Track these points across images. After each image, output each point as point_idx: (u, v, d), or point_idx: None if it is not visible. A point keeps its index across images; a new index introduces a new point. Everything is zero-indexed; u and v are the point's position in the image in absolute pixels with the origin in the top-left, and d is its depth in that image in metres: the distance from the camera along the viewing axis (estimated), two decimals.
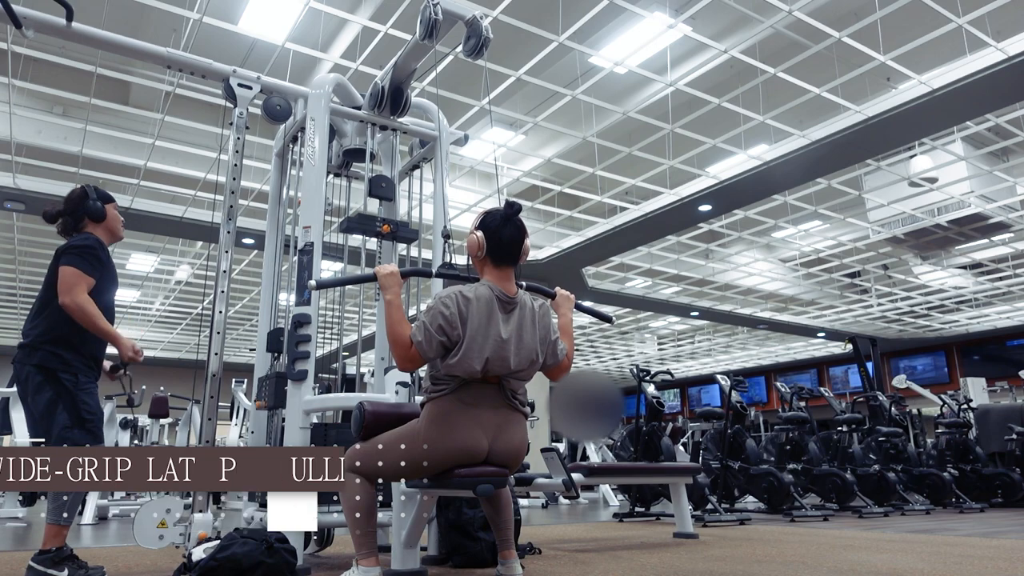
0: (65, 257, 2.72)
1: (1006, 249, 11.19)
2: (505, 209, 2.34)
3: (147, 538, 2.71)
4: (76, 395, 2.67)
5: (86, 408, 2.68)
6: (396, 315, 2.25)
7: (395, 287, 2.35)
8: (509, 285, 2.34)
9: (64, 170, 7.94)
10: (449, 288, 2.31)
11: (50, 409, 2.64)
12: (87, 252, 2.75)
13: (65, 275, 2.67)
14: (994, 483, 7.43)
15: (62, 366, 2.69)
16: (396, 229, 3.54)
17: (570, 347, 2.46)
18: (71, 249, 2.74)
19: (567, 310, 2.56)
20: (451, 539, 3.04)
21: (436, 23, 3.06)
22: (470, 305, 2.23)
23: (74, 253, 2.73)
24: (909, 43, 6.13)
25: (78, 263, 2.70)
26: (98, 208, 2.89)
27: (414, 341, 2.20)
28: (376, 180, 3.65)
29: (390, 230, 3.49)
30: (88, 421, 2.67)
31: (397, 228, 3.55)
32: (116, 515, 6.55)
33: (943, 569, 2.83)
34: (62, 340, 2.71)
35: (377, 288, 3.57)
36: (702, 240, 11.02)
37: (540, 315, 2.38)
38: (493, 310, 2.25)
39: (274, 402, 3.14)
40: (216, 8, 5.83)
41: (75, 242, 2.78)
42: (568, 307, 2.57)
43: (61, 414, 2.63)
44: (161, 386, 8.67)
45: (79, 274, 2.69)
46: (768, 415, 18.09)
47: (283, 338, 3.32)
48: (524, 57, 6.46)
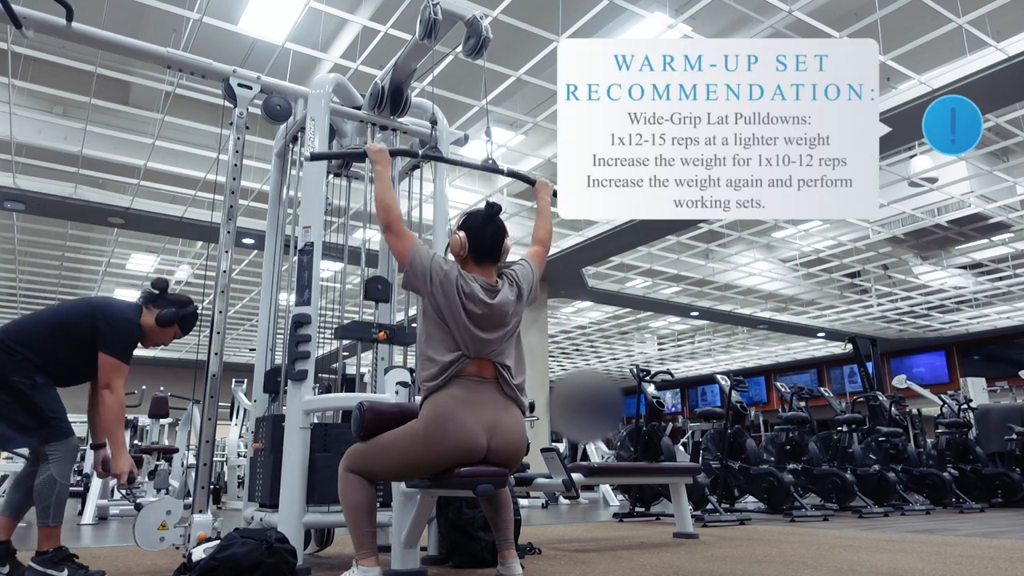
0: (113, 340, 2.71)
1: (1006, 249, 11.19)
2: (487, 210, 2.46)
3: (147, 539, 2.71)
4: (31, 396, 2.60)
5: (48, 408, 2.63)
6: (386, 182, 2.49)
7: (384, 160, 2.55)
8: (491, 279, 2.45)
9: (64, 170, 7.94)
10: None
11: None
12: (131, 341, 2.78)
13: (111, 365, 2.68)
14: (994, 483, 7.43)
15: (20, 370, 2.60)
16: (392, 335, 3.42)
17: (550, 227, 2.77)
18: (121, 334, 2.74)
19: (545, 194, 2.84)
20: (451, 539, 3.04)
21: (436, 23, 3.06)
22: (448, 273, 2.34)
23: (121, 343, 2.73)
24: (909, 43, 6.13)
25: (123, 355, 2.73)
26: (167, 318, 2.89)
27: (410, 255, 2.34)
28: None
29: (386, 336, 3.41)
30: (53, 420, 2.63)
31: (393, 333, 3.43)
32: (116, 515, 6.54)
33: (943, 569, 2.83)
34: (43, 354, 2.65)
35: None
36: (702, 240, 11.02)
37: (520, 275, 2.51)
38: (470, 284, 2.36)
39: (272, 445, 3.13)
40: (216, 8, 5.83)
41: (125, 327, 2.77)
42: (546, 192, 2.85)
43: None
44: (161, 386, 8.68)
45: (122, 366, 2.71)
46: (768, 415, 18.09)
47: (279, 378, 3.31)
48: (524, 57, 6.46)
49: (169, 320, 2.88)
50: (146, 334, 2.87)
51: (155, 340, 2.92)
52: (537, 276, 2.61)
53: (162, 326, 2.88)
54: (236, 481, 9.41)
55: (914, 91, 6.47)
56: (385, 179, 2.49)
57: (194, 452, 3.15)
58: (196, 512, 2.82)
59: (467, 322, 2.30)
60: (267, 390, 3.45)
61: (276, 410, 3.37)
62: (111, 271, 12.05)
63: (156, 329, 2.88)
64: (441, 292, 2.31)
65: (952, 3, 5.71)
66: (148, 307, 2.89)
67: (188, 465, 7.32)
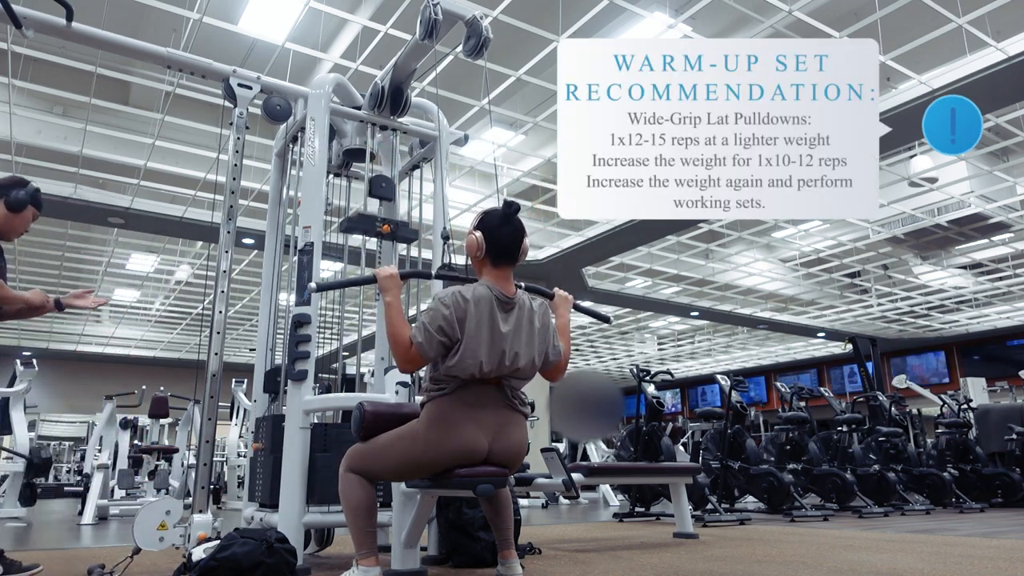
0: None
1: (1006, 249, 11.18)
2: (504, 209, 2.34)
3: (147, 539, 2.71)
4: None
5: None
6: (396, 316, 2.26)
7: (395, 289, 2.36)
8: (508, 285, 2.34)
9: (64, 170, 7.94)
10: (448, 288, 2.31)
11: None
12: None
13: None
14: (994, 483, 7.43)
15: None
16: (396, 229, 3.53)
17: (567, 348, 2.46)
18: None
19: (565, 311, 2.55)
20: (451, 539, 3.04)
21: (436, 23, 3.05)
22: (469, 306, 2.22)
23: None
24: (909, 43, 6.13)
25: None
26: (20, 200, 2.73)
27: (414, 342, 2.20)
28: (376, 180, 3.65)
29: (390, 230, 3.48)
30: None
31: (397, 228, 3.55)
32: (116, 515, 6.54)
33: (943, 569, 2.83)
34: None
35: (377, 288, 3.58)
36: (702, 240, 11.02)
37: (540, 314, 2.37)
38: (492, 310, 2.25)
39: (272, 445, 3.13)
40: (216, 8, 5.83)
41: None
42: (566, 308, 2.56)
43: None
44: (161, 386, 8.69)
45: None
46: (768, 415, 18.08)
47: (279, 378, 3.31)
48: (524, 57, 6.46)
49: (22, 202, 2.72)
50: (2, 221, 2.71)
51: (14, 229, 2.77)
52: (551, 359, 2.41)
53: (15, 211, 2.72)
54: (236, 481, 9.41)
55: (914, 91, 6.47)
56: (396, 311, 2.28)
57: (194, 452, 3.14)
58: (196, 512, 2.82)
59: (485, 346, 2.22)
60: (267, 390, 3.45)
61: (276, 410, 3.37)
62: (111, 271, 12.05)
63: (10, 217, 2.72)
64: (474, 320, 2.21)
65: (952, 3, 5.71)
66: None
67: (188, 465, 7.33)
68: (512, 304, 2.31)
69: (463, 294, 2.25)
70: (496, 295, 2.28)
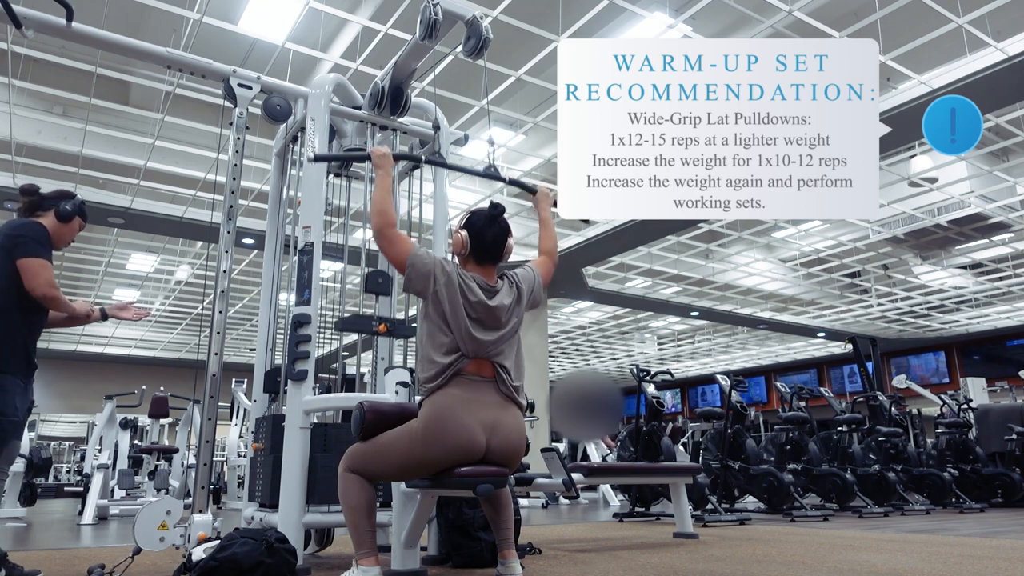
0: (24, 247, 2.64)
1: (1006, 249, 11.19)
2: (490, 210, 2.45)
3: (147, 540, 2.71)
4: None
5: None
6: (386, 187, 2.44)
7: (387, 165, 2.51)
8: (491, 278, 2.45)
9: (64, 170, 7.94)
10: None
11: None
12: (42, 236, 2.73)
13: (33, 266, 2.63)
14: (994, 483, 7.42)
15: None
16: (392, 327, 3.42)
17: (553, 240, 2.73)
18: (27, 237, 2.67)
19: (546, 205, 2.81)
20: (451, 539, 3.04)
21: (436, 23, 3.06)
22: (454, 277, 2.34)
23: (33, 240, 2.67)
24: (909, 43, 6.13)
25: (42, 252, 2.68)
26: (68, 212, 2.86)
27: (410, 258, 2.33)
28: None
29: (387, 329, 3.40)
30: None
31: (393, 326, 3.43)
32: (116, 515, 6.54)
33: (943, 569, 2.83)
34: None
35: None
36: (702, 240, 11.02)
37: (521, 278, 2.51)
38: (475, 288, 2.36)
39: (272, 445, 3.13)
40: (216, 8, 5.83)
41: (29, 230, 2.71)
42: (547, 203, 2.82)
43: None
44: (161, 386, 8.69)
45: (45, 263, 2.67)
46: (768, 415, 18.10)
47: (279, 378, 3.31)
48: (524, 57, 6.46)
49: (70, 214, 2.86)
50: (52, 236, 2.81)
51: (62, 239, 2.88)
52: (540, 281, 2.59)
53: (64, 221, 2.85)
54: (236, 481, 9.41)
55: (914, 91, 6.47)
56: (386, 184, 2.45)
57: (194, 452, 3.14)
58: (196, 512, 2.82)
59: (467, 322, 2.30)
60: (267, 390, 3.45)
61: (276, 410, 3.37)
62: (111, 271, 12.05)
63: (60, 227, 2.84)
64: (444, 292, 2.32)
65: (952, 3, 5.71)
66: (38, 213, 2.84)
67: (188, 465, 7.33)
68: (495, 291, 2.41)
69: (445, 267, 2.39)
70: (479, 283, 2.38)
